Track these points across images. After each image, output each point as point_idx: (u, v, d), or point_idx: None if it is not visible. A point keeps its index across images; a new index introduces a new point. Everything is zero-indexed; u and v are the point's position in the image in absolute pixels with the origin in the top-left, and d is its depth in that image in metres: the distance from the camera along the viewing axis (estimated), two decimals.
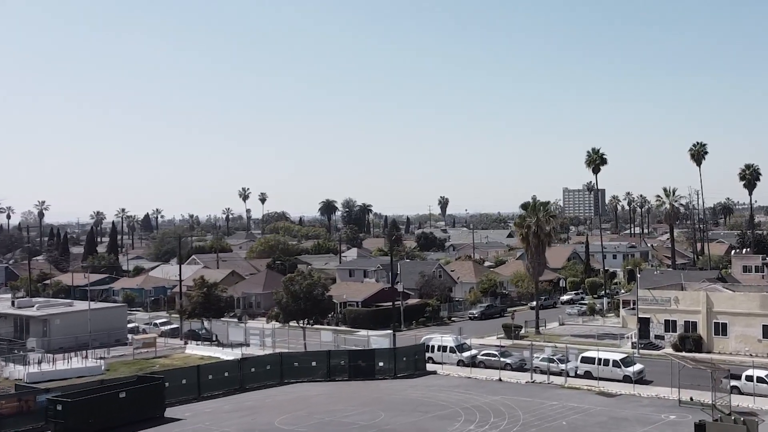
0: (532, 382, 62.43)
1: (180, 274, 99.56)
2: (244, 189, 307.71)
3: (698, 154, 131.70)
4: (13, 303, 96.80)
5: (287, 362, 65.58)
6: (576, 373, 63.24)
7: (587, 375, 62.68)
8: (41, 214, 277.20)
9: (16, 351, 78.37)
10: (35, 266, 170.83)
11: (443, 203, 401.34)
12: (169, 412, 54.86)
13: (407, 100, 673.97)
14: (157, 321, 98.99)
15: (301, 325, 78.85)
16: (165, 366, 73.74)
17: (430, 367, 68.14)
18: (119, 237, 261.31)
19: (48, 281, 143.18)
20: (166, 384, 57.33)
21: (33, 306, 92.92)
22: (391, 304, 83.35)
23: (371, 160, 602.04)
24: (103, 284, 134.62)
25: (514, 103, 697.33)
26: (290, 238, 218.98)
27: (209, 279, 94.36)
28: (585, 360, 64.10)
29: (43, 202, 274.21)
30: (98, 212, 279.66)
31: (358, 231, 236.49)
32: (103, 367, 72.97)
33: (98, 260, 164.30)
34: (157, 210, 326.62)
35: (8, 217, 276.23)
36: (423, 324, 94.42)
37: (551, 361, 65.01)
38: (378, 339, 74.05)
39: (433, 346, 70.84)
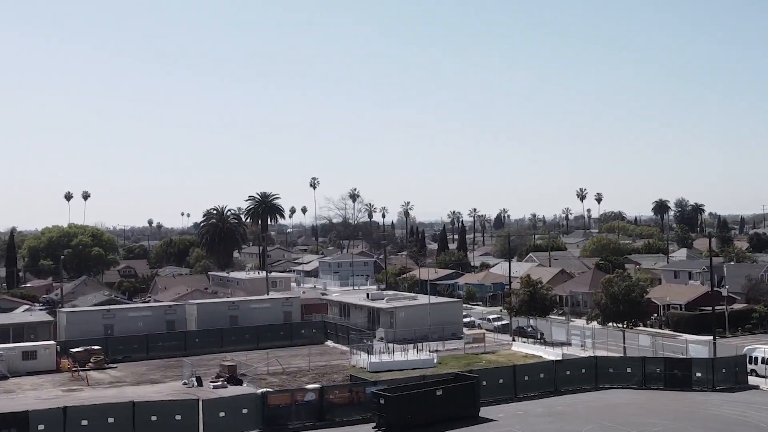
0: None
1: (509, 272, 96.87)
2: (581, 189, 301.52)
3: None
4: (367, 295, 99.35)
5: (602, 366, 59.73)
6: None
7: None
8: (407, 214, 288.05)
9: (365, 341, 79.78)
10: (399, 261, 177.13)
11: None
12: (484, 412, 51.61)
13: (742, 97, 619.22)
14: (490, 316, 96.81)
15: (621, 327, 73.07)
16: (491, 362, 71.17)
17: (752, 380, 58.94)
18: (472, 235, 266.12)
19: (405, 275, 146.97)
20: (484, 382, 54.71)
21: (383, 299, 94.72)
22: (712, 308, 74.29)
23: (704, 158, 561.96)
24: (450, 279, 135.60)
25: None
26: (625, 237, 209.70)
27: (537, 277, 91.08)
28: None
29: (408, 203, 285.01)
30: (454, 212, 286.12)
31: (689, 231, 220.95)
32: (435, 360, 71.88)
33: (449, 256, 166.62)
34: (503, 210, 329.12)
35: (383, 216, 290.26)
36: (749, 331, 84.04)
37: None
38: (696, 347, 65.87)
39: (756, 358, 61.23)
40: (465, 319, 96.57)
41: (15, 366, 72.34)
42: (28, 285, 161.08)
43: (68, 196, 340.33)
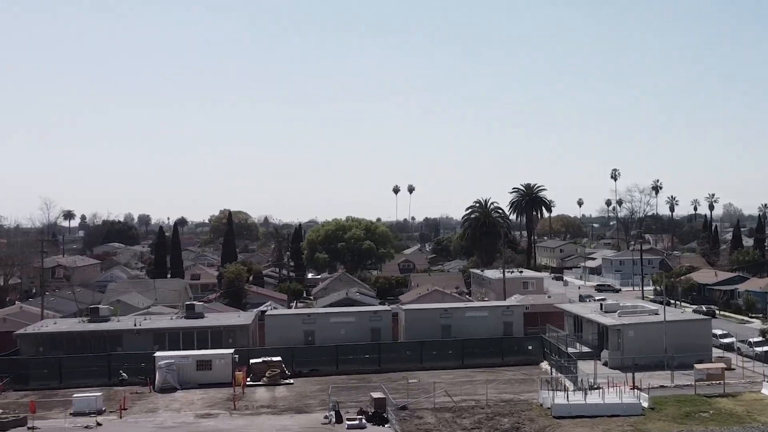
0: None
1: None
2: None
3: None
4: (600, 306, 79.19)
5: None
6: None
7: None
8: (711, 207, 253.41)
9: (571, 367, 61.38)
10: (690, 260, 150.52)
11: None
12: None
13: None
14: (752, 339, 72.38)
15: None
16: (721, 412, 50.17)
17: None
18: None
19: (681, 277, 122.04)
20: None
21: (615, 311, 74.65)
22: None
23: None
24: (730, 284, 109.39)
25: None
26: None
27: None
28: None
29: (713, 195, 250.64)
30: (766, 204, 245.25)
31: None
32: (645, 404, 52.00)
33: (742, 255, 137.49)
34: None
35: (694, 209, 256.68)
36: None
37: None
38: None
39: None
40: (724, 340, 74.08)
41: (188, 376, 63.64)
42: (317, 276, 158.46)
43: (395, 190, 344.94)
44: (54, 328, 71.77)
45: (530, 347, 72.37)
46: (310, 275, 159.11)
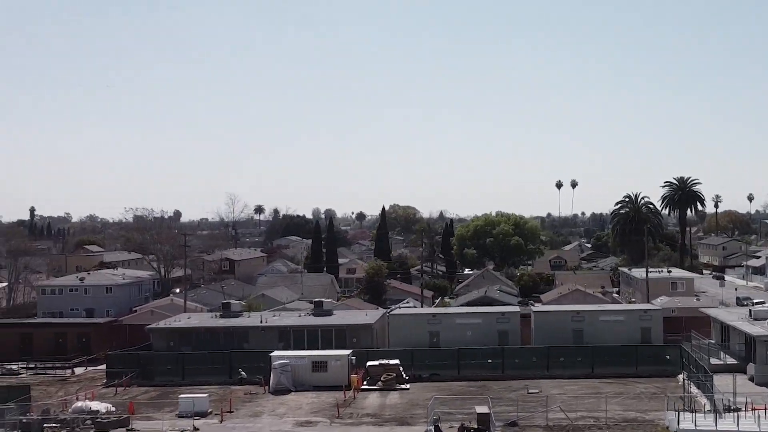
0: None
1: None
2: None
3: None
4: (749, 313, 68.34)
5: None
6: None
7: None
8: None
9: (707, 383, 52.43)
10: None
11: None
12: None
13: None
14: None
15: None
16: None
17: None
18: None
19: None
20: None
21: (766, 320, 64.15)
22: None
23: None
24: None
25: None
26: None
27: None
28: None
29: None
30: None
31: None
32: None
33: None
34: None
35: None
36: None
37: None
38: None
39: None
40: None
41: (303, 378, 60.09)
42: (470, 273, 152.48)
43: (558, 185, 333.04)
44: (184, 323, 70.62)
45: (668, 357, 63.60)
46: (466, 270, 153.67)
